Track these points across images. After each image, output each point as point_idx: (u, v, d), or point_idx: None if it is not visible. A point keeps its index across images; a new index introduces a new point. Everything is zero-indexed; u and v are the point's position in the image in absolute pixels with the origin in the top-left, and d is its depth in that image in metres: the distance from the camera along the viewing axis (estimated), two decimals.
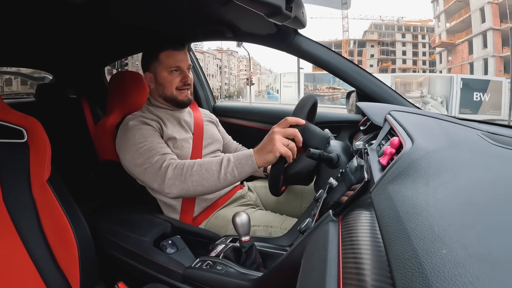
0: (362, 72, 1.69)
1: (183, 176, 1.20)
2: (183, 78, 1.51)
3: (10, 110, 1.15)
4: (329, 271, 0.47)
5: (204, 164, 1.21)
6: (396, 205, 0.45)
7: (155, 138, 1.38)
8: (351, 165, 0.92)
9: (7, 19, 1.50)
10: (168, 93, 1.51)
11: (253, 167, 1.16)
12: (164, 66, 1.48)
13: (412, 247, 0.35)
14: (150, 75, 1.53)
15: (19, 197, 1.09)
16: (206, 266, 1.08)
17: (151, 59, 1.51)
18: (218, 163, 1.19)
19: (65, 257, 1.10)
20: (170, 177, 1.22)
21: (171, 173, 1.22)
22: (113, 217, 1.40)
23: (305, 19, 1.30)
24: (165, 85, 1.50)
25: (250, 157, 1.16)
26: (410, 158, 0.59)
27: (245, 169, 1.17)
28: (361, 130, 1.52)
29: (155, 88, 1.54)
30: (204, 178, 1.19)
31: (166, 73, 1.49)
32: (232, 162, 1.18)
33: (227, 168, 1.18)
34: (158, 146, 1.34)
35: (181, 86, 1.51)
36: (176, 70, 1.49)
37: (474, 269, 0.28)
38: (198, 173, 1.19)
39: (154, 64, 1.50)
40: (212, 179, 1.18)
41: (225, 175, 1.18)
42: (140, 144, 1.33)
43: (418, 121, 1.03)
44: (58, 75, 2.80)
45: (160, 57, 1.48)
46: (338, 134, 1.88)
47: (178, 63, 1.49)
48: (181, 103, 1.54)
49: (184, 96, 1.53)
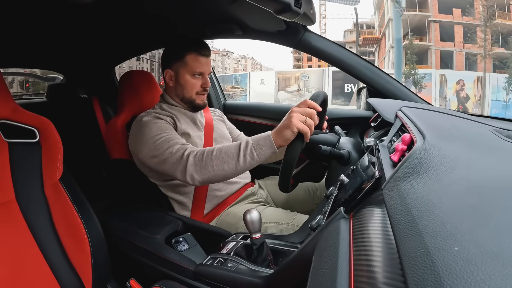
0: (373, 68, 1.68)
1: (204, 161, 1.21)
2: (203, 83, 1.51)
3: (22, 111, 1.17)
4: (340, 269, 0.47)
5: (224, 148, 1.21)
6: (408, 202, 0.45)
7: (172, 130, 1.38)
8: (362, 162, 0.91)
9: (18, 21, 1.51)
10: (187, 95, 1.52)
11: (272, 147, 1.15)
12: (188, 69, 1.48)
13: (424, 244, 0.34)
14: (171, 73, 1.52)
15: (31, 196, 1.11)
16: (217, 263, 1.08)
17: (175, 58, 1.50)
18: (237, 146, 1.19)
19: (77, 254, 1.12)
20: (191, 164, 1.22)
21: (192, 160, 1.22)
22: (125, 215, 1.42)
23: (315, 15, 1.29)
24: (186, 87, 1.51)
25: (268, 137, 1.16)
26: (421, 155, 0.58)
27: (263, 150, 1.17)
28: (372, 127, 1.51)
29: (174, 87, 1.54)
30: (224, 162, 1.19)
31: (189, 76, 1.49)
32: (250, 144, 1.18)
33: (246, 150, 1.17)
34: (176, 137, 1.35)
35: (201, 91, 1.52)
36: (199, 74, 1.50)
37: (487, 267, 0.28)
38: (218, 157, 1.19)
39: (177, 63, 1.50)
40: (232, 162, 1.18)
41: (244, 157, 1.17)
42: (157, 136, 1.33)
43: (429, 117, 1.02)
44: (69, 75, 2.83)
45: (186, 59, 1.47)
46: (349, 131, 1.87)
47: (203, 68, 1.49)
48: (197, 107, 1.55)
49: (201, 100, 1.54)
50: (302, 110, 1.12)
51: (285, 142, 1.13)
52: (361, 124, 1.84)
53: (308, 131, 1.10)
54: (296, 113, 1.11)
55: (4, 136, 1.10)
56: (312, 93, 1.23)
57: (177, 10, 1.52)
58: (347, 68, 1.67)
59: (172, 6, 1.47)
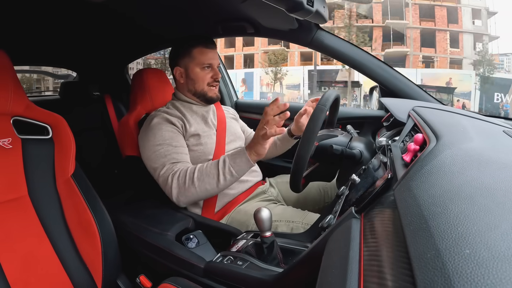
0: (386, 67, 1.66)
1: (186, 184, 1.29)
2: (214, 74, 1.54)
3: (35, 108, 1.19)
4: (350, 269, 0.47)
5: (204, 169, 1.29)
6: (419, 203, 0.44)
7: (173, 141, 1.41)
8: (374, 162, 0.91)
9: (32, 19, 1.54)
10: (199, 88, 1.54)
11: (249, 163, 1.25)
12: (197, 62, 1.51)
13: (434, 246, 0.34)
14: (180, 70, 1.55)
15: (44, 192, 1.13)
16: (227, 260, 1.08)
17: (182, 54, 1.53)
18: (216, 165, 1.28)
19: (88, 250, 1.13)
20: (175, 187, 1.30)
21: (176, 183, 1.30)
22: (136, 212, 1.43)
23: (327, 13, 1.28)
24: (197, 81, 1.53)
25: (244, 154, 1.24)
26: (434, 155, 0.58)
27: (241, 167, 1.26)
28: (384, 126, 1.50)
29: (185, 83, 1.56)
30: (205, 183, 1.27)
31: (198, 69, 1.52)
32: (228, 163, 1.26)
33: (224, 169, 1.26)
34: (173, 151, 1.39)
35: (212, 82, 1.54)
36: (208, 67, 1.53)
37: (498, 271, 0.27)
38: (198, 179, 1.28)
39: (186, 59, 1.52)
40: (213, 182, 1.27)
41: (224, 176, 1.26)
42: (158, 146, 1.39)
43: (442, 117, 1.01)
44: (82, 73, 2.86)
45: (193, 54, 1.50)
46: (361, 130, 1.85)
47: (210, 60, 1.52)
48: (209, 99, 1.57)
49: (213, 93, 1.57)
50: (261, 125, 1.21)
51: (260, 156, 1.24)
52: (373, 123, 1.83)
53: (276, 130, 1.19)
54: (259, 130, 1.21)
55: (17, 133, 1.13)
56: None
57: (190, 8, 1.53)
58: (360, 67, 1.66)
59: (184, 4, 1.47)
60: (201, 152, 1.48)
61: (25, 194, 1.10)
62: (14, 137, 1.11)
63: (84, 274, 1.11)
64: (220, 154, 1.52)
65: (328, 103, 1.14)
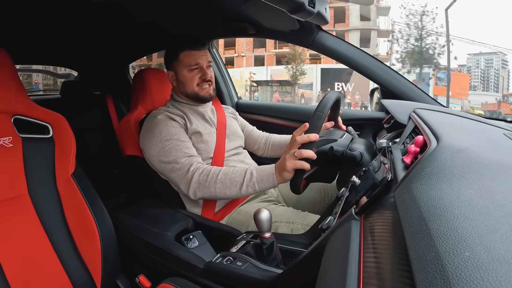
0: (387, 69, 1.66)
1: (208, 182, 1.28)
2: (202, 75, 1.54)
3: (36, 107, 1.19)
4: (350, 270, 0.47)
5: (229, 174, 1.28)
6: (419, 205, 0.44)
7: (181, 136, 1.42)
8: (374, 164, 0.91)
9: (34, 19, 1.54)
10: (189, 90, 1.55)
11: (274, 184, 1.24)
12: (184, 65, 1.52)
13: (434, 248, 0.34)
14: (172, 73, 1.57)
15: (44, 191, 1.13)
16: (226, 261, 1.08)
17: (172, 58, 1.55)
18: (242, 175, 1.26)
19: (88, 249, 1.13)
20: (195, 181, 1.30)
21: (196, 178, 1.30)
22: (136, 212, 1.43)
23: (328, 15, 1.28)
24: (186, 83, 1.54)
25: (272, 175, 1.23)
26: (434, 158, 0.58)
27: (265, 185, 1.25)
28: (385, 128, 1.50)
29: (177, 86, 1.58)
30: (227, 187, 1.27)
31: (186, 71, 1.53)
32: (254, 177, 1.25)
33: (249, 181, 1.25)
34: (183, 146, 1.39)
35: (201, 82, 1.54)
36: (196, 68, 1.53)
37: (497, 274, 0.27)
38: (222, 182, 1.27)
39: (174, 63, 1.55)
40: (234, 189, 1.26)
41: (246, 187, 1.25)
42: (166, 141, 1.39)
43: (443, 119, 1.01)
44: (83, 72, 2.86)
45: (180, 57, 1.52)
46: (362, 132, 1.85)
47: (197, 60, 1.52)
48: (202, 99, 1.57)
49: (206, 92, 1.56)
50: (292, 155, 1.16)
51: (285, 181, 1.21)
52: (374, 125, 1.83)
53: (306, 166, 1.15)
54: (288, 159, 1.17)
55: (18, 131, 1.13)
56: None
57: (191, 9, 1.53)
58: (360, 68, 1.66)
59: (186, 5, 1.47)
60: (203, 150, 1.49)
61: (25, 192, 1.10)
62: (15, 136, 1.11)
63: (83, 274, 1.11)
64: (220, 153, 1.53)
65: (326, 109, 1.15)
